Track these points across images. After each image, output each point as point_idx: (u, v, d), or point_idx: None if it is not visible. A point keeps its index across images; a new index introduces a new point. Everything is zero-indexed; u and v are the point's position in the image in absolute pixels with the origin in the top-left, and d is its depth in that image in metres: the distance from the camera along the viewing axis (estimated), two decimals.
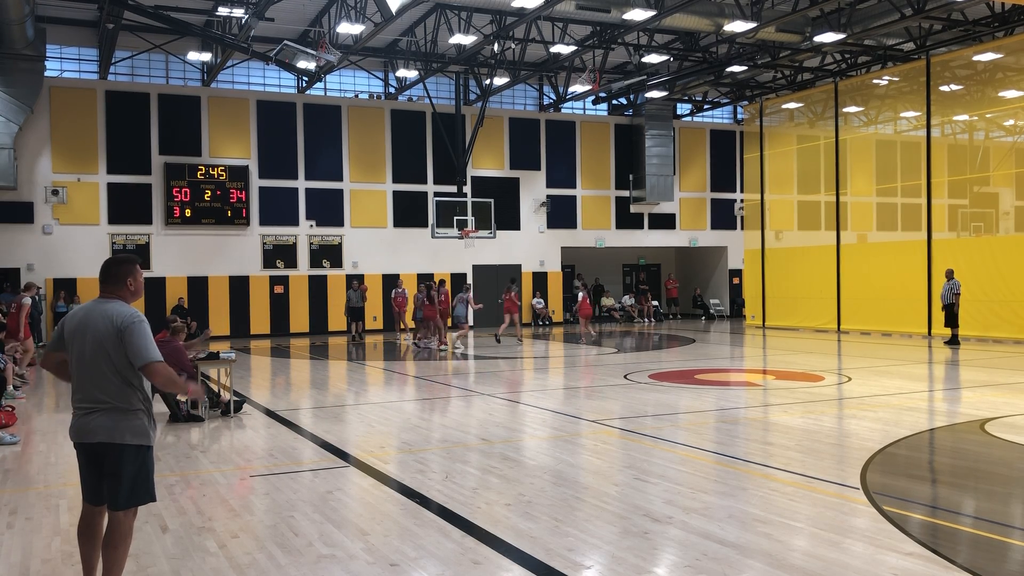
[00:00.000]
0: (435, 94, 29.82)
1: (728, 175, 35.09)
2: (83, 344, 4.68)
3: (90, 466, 4.75)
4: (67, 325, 4.79)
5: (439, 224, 26.70)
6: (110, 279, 4.80)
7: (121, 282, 4.80)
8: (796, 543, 5.76)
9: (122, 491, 4.64)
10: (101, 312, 4.69)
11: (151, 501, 4.79)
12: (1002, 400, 11.97)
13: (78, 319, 4.76)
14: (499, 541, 5.89)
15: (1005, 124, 26.69)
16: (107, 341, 4.62)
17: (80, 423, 4.70)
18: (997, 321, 21.81)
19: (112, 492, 4.66)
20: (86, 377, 4.67)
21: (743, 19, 21.10)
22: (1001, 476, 7.89)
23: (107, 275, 4.81)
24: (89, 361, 4.65)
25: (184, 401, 11.36)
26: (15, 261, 25.04)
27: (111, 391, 4.64)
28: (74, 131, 25.70)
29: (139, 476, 4.69)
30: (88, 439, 4.67)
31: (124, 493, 4.64)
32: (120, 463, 4.64)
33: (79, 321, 4.74)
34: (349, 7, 21.76)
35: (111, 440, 4.62)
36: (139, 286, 4.85)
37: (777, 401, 12.24)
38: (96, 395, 4.64)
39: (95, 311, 4.72)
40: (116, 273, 4.80)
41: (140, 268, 4.92)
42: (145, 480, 4.72)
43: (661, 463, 8.20)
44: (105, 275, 4.81)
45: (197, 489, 7.55)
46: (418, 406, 12.66)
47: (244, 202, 27.32)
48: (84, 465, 4.78)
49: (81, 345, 4.68)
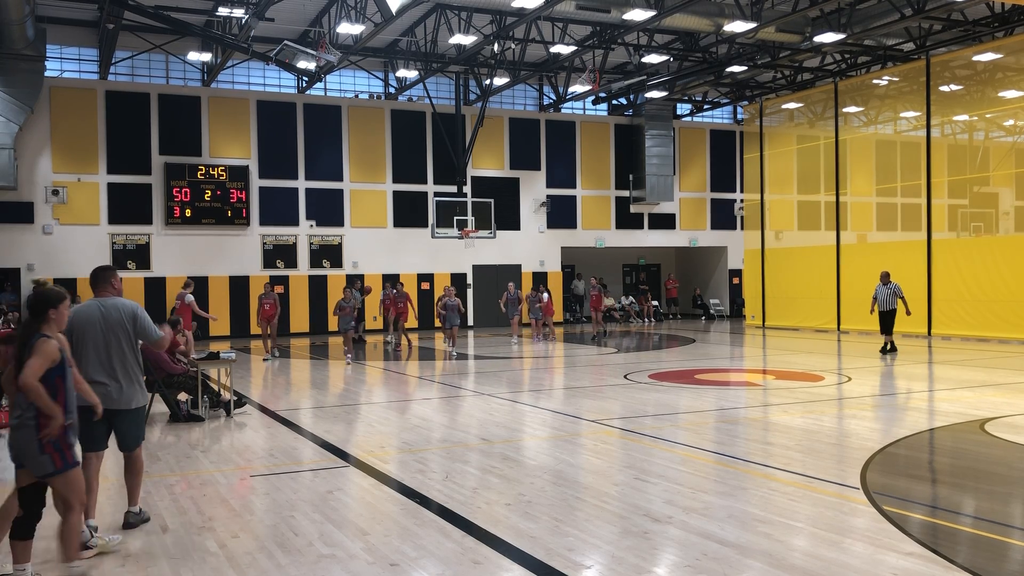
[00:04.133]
0: (435, 94, 29.82)
1: (728, 175, 35.10)
2: (98, 331, 6.07)
3: (100, 423, 5.97)
4: (73, 320, 5.89)
5: (439, 224, 26.70)
6: (103, 282, 6.28)
7: (111, 283, 6.30)
8: (796, 543, 5.76)
9: (132, 439, 6.32)
10: (112, 305, 6.17)
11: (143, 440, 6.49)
12: (1002, 400, 11.97)
13: (89, 313, 6.09)
14: (499, 541, 5.90)
15: (1005, 124, 26.70)
16: (125, 324, 6.15)
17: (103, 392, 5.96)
18: (997, 321, 21.81)
19: (125, 440, 6.29)
20: (104, 356, 6.07)
21: (743, 19, 21.10)
22: (1001, 476, 7.89)
23: (102, 280, 6.28)
24: (107, 343, 6.09)
25: (184, 401, 11.37)
26: (15, 261, 25.05)
27: (128, 362, 6.16)
28: (74, 131, 25.70)
29: (141, 426, 6.48)
30: (108, 406, 5.96)
31: (133, 439, 6.33)
32: (131, 421, 6.27)
33: (90, 315, 6.08)
34: (349, 7, 21.76)
35: (128, 407, 6.20)
36: (121, 286, 6.35)
37: (777, 401, 12.25)
38: (113, 369, 6.09)
39: (106, 304, 6.14)
40: (108, 278, 6.31)
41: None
42: (142, 426, 6.49)
43: (661, 463, 8.20)
44: (100, 280, 6.28)
45: (197, 489, 7.55)
46: (418, 406, 12.66)
47: (244, 202, 27.33)
48: (91, 422, 5.84)
49: (95, 332, 6.07)
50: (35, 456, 5.03)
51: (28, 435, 5.02)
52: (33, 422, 5.03)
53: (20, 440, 5.05)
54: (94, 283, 6.27)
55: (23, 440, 5.04)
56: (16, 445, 5.08)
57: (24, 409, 5.04)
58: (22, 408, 5.05)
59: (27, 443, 5.03)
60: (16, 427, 5.07)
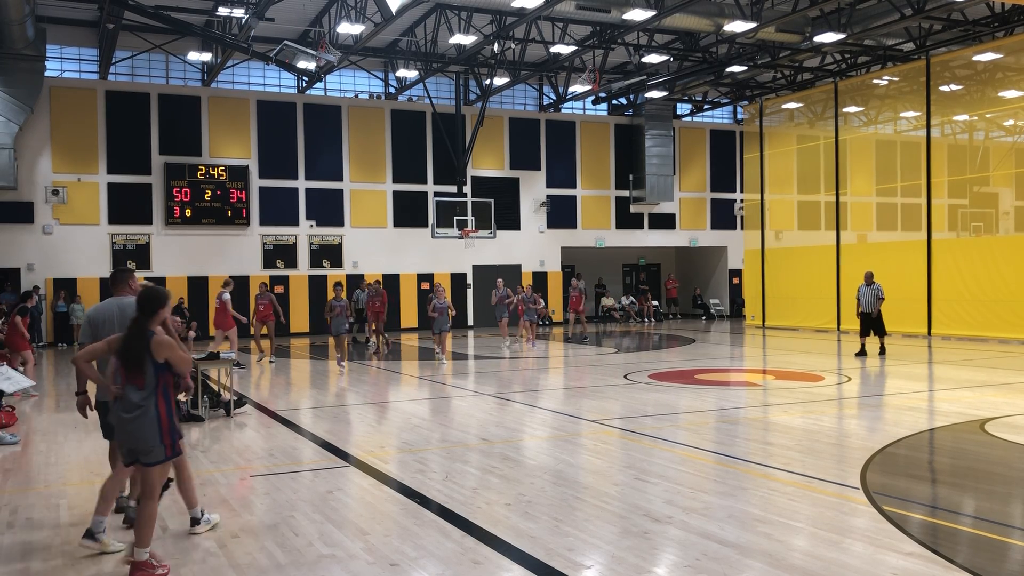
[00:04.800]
0: (435, 94, 29.82)
1: (728, 175, 35.10)
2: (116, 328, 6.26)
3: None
4: (94, 319, 6.41)
5: (439, 224, 26.70)
6: (122, 283, 6.73)
7: (128, 284, 6.73)
8: (796, 543, 5.76)
9: None
10: (128, 304, 6.36)
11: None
12: (1002, 400, 11.97)
13: (108, 312, 6.47)
14: (499, 541, 5.90)
15: (1005, 124, 26.69)
16: None
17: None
18: (997, 321, 21.81)
19: None
20: None
21: (743, 19, 21.10)
22: (1001, 476, 7.89)
23: (120, 281, 6.76)
24: None
25: (184, 401, 11.37)
26: (15, 261, 25.05)
27: None
28: (74, 131, 25.70)
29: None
30: None
31: None
32: None
33: (109, 313, 6.47)
34: (349, 7, 21.77)
35: None
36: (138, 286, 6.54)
37: (777, 401, 12.24)
38: None
39: (124, 303, 6.47)
40: (126, 279, 6.77)
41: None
42: None
43: (661, 463, 8.20)
44: (119, 281, 6.76)
45: (197, 489, 7.54)
46: (418, 406, 12.66)
47: (244, 202, 27.33)
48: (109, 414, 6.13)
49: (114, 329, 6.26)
50: (154, 445, 5.43)
51: (149, 424, 5.42)
52: (155, 411, 5.43)
53: (138, 429, 5.42)
54: (113, 283, 6.80)
55: (142, 428, 5.41)
56: (133, 434, 5.43)
57: (140, 400, 5.42)
58: (136, 400, 5.42)
59: (148, 432, 5.42)
60: (132, 419, 5.42)
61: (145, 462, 5.45)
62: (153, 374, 5.45)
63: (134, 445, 5.46)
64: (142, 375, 5.43)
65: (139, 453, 5.45)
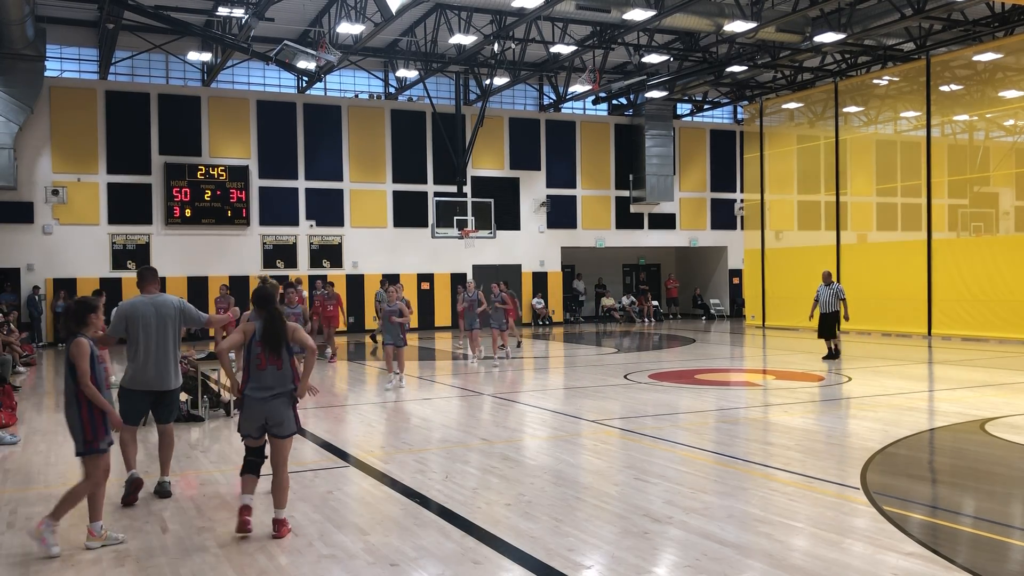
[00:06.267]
0: (435, 94, 29.81)
1: (728, 175, 35.09)
2: (152, 323, 7.09)
3: (145, 401, 7.26)
4: (129, 315, 7.09)
5: (439, 224, 26.70)
6: (153, 280, 7.36)
7: (155, 281, 7.36)
8: (796, 543, 5.76)
9: (173, 413, 7.54)
10: (161, 301, 7.25)
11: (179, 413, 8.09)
12: (1002, 400, 11.97)
13: (144, 308, 7.10)
14: (499, 541, 5.90)
15: (1005, 124, 26.68)
16: (176, 315, 7.25)
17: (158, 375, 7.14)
18: (997, 321, 21.80)
19: (168, 414, 7.45)
20: (160, 345, 7.12)
21: (743, 19, 21.10)
22: (1001, 476, 7.89)
23: (149, 278, 7.35)
24: (163, 334, 7.15)
25: (184, 401, 11.36)
26: (15, 261, 25.04)
27: (176, 349, 7.28)
28: (74, 131, 25.69)
29: (178, 402, 7.86)
30: (162, 387, 7.21)
31: (172, 414, 7.53)
32: (175, 398, 7.57)
33: (144, 309, 7.09)
34: (349, 7, 21.76)
35: (176, 386, 7.40)
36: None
37: (777, 401, 12.24)
38: (168, 356, 7.17)
39: (158, 300, 7.20)
40: (154, 277, 7.40)
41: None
42: (178, 403, 7.93)
43: (661, 463, 8.20)
44: (148, 279, 7.34)
45: (197, 489, 7.55)
46: (418, 406, 12.66)
47: (244, 202, 27.32)
48: (141, 402, 7.24)
49: (150, 324, 7.09)
50: (290, 419, 6.23)
51: (286, 403, 6.22)
52: (291, 387, 6.21)
53: (277, 407, 6.17)
54: (141, 282, 7.34)
55: (281, 407, 6.18)
56: (273, 411, 6.16)
57: (276, 382, 6.17)
58: (274, 381, 6.16)
59: (285, 408, 6.20)
60: (270, 398, 6.15)
61: (280, 435, 6.20)
62: (288, 357, 6.20)
63: (271, 420, 6.16)
64: (279, 358, 6.16)
65: (273, 427, 6.18)
